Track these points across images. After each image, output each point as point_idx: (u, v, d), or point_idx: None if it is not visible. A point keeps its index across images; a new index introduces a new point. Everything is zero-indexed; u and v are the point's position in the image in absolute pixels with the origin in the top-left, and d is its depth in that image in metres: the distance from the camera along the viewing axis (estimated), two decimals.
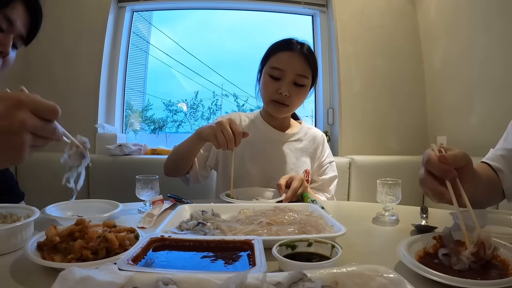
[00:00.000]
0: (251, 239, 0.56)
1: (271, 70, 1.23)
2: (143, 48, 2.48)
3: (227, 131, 1.04)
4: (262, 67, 1.31)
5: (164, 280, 0.39)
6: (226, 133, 1.04)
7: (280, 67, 1.22)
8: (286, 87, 1.21)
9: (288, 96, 1.22)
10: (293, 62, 1.22)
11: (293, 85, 1.23)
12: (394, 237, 0.77)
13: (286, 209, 0.82)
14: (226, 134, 1.04)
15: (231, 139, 1.05)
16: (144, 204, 0.99)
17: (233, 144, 1.05)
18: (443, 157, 0.62)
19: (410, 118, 2.27)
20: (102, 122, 2.13)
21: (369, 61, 2.28)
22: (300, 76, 1.22)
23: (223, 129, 1.05)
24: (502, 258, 0.53)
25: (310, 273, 0.41)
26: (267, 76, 1.25)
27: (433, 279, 0.46)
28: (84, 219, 0.60)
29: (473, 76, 1.87)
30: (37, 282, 0.49)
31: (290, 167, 1.29)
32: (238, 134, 1.06)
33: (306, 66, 1.23)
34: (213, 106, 2.61)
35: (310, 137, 1.39)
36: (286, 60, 1.22)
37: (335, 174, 1.37)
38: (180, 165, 1.27)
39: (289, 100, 1.24)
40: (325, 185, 1.35)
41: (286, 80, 1.21)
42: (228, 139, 1.05)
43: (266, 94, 1.27)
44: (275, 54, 1.25)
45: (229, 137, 1.04)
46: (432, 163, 0.62)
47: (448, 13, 2.07)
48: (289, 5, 2.39)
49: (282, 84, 1.22)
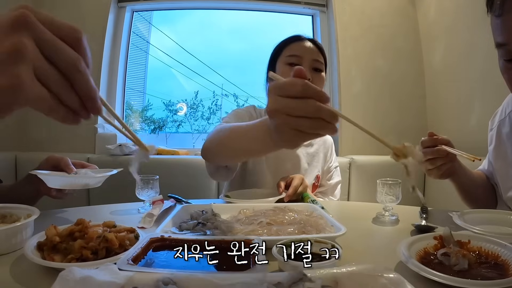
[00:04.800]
0: (251, 239, 0.56)
1: (288, 59, 1.21)
2: (143, 48, 2.48)
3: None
4: (272, 65, 1.28)
5: (164, 280, 0.39)
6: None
7: (298, 54, 1.20)
8: (307, 71, 1.14)
9: (310, 81, 1.17)
10: (308, 49, 1.21)
11: (313, 71, 1.20)
12: (394, 237, 0.77)
13: (286, 209, 0.82)
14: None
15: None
16: (144, 204, 0.99)
17: None
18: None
19: (410, 118, 2.27)
20: (102, 122, 2.13)
21: (369, 61, 2.28)
22: (317, 61, 1.21)
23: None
24: (502, 259, 0.53)
25: (310, 273, 0.41)
26: (285, 66, 1.21)
27: (433, 279, 0.46)
28: (84, 219, 0.59)
29: (473, 76, 1.87)
30: (37, 282, 0.49)
31: (302, 173, 1.26)
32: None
33: (319, 52, 1.23)
34: (213, 106, 2.61)
35: (321, 141, 1.37)
36: (302, 48, 1.21)
37: (340, 179, 1.38)
38: (229, 159, 0.99)
39: None
40: (332, 189, 1.35)
41: (305, 65, 1.18)
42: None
43: None
44: (288, 46, 1.24)
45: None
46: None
47: (448, 13, 2.07)
48: (289, 5, 2.39)
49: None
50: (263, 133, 0.60)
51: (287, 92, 0.50)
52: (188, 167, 1.84)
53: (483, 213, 0.82)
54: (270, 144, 0.60)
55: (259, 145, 0.68)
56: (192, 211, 0.82)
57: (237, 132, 0.76)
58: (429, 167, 0.91)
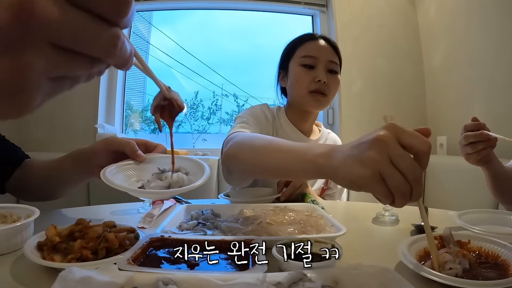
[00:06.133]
0: (251, 239, 0.56)
1: (303, 60, 1.17)
2: (143, 48, 2.48)
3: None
4: (284, 65, 1.25)
5: (164, 280, 0.39)
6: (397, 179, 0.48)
7: (313, 55, 1.16)
8: (323, 73, 1.15)
9: (326, 84, 1.14)
10: (323, 49, 1.18)
11: (328, 73, 1.16)
12: (394, 237, 0.77)
13: (286, 209, 0.82)
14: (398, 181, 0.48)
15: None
16: (144, 204, 0.99)
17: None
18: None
19: (410, 118, 2.27)
20: (102, 122, 2.13)
21: (369, 61, 2.28)
22: (332, 62, 1.17)
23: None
24: (502, 259, 0.53)
25: (310, 273, 0.41)
26: (299, 67, 1.17)
27: (433, 279, 0.46)
28: (84, 219, 0.59)
29: (473, 76, 1.87)
30: (37, 282, 0.49)
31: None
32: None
33: (334, 53, 1.20)
34: (213, 106, 2.61)
35: (331, 141, 1.34)
36: (317, 48, 1.17)
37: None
38: (257, 176, 0.94)
39: (327, 89, 1.15)
40: (339, 193, 1.34)
41: (321, 67, 1.15)
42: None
43: (302, 86, 1.15)
44: (302, 45, 1.20)
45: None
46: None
47: (448, 13, 2.07)
48: (289, 5, 2.39)
49: (318, 71, 1.14)
50: (317, 169, 0.54)
51: (398, 166, 0.45)
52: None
53: (483, 213, 0.82)
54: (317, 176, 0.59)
55: (303, 176, 0.67)
56: (192, 211, 0.82)
57: (282, 158, 0.67)
58: (469, 151, 0.92)
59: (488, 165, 0.97)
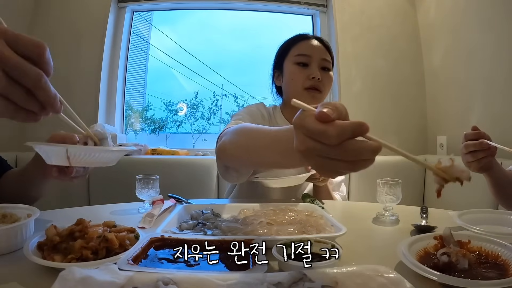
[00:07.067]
0: (251, 239, 0.56)
1: (297, 58, 1.20)
2: (143, 48, 2.48)
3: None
4: (279, 64, 1.27)
5: (164, 280, 0.39)
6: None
7: (306, 53, 1.19)
8: (317, 70, 1.18)
9: (320, 80, 1.18)
10: (316, 47, 1.21)
11: (322, 70, 1.20)
12: (394, 237, 0.77)
13: (286, 209, 0.82)
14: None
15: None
16: (144, 204, 0.99)
17: None
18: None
19: (410, 118, 2.27)
20: (102, 122, 2.13)
21: (369, 61, 2.28)
22: (325, 60, 1.21)
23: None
24: (502, 259, 0.53)
25: (310, 273, 0.41)
26: (293, 66, 1.21)
27: (433, 279, 0.46)
28: (84, 219, 0.59)
29: (473, 76, 1.87)
30: (37, 282, 0.49)
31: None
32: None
33: (326, 51, 1.23)
34: (213, 106, 2.61)
35: None
36: (310, 47, 1.21)
37: (343, 177, 1.39)
38: (248, 167, 0.94)
39: (322, 86, 1.19)
40: (337, 186, 1.36)
41: (314, 64, 1.19)
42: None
43: (297, 83, 1.19)
44: (296, 45, 1.23)
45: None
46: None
47: (448, 13, 2.07)
48: (289, 5, 2.39)
49: (312, 69, 1.18)
50: (292, 150, 0.49)
51: (321, 140, 0.42)
52: (188, 167, 1.84)
53: (483, 213, 0.82)
54: (298, 161, 0.56)
55: (285, 160, 0.62)
56: (192, 211, 0.82)
57: (261, 140, 0.69)
58: (470, 159, 0.93)
59: (490, 172, 0.98)
